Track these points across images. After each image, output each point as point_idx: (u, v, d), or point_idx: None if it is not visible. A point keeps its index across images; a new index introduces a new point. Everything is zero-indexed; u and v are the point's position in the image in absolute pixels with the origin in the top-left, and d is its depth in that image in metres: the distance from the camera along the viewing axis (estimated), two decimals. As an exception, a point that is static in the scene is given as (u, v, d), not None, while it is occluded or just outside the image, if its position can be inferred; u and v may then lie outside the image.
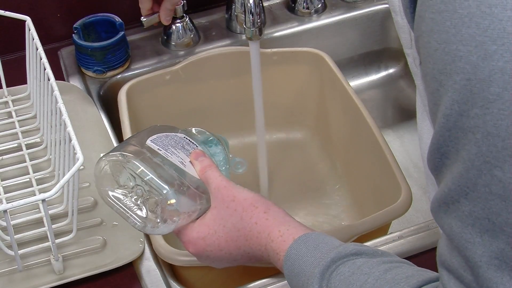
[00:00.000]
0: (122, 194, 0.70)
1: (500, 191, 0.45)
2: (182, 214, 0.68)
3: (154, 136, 0.73)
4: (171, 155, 0.71)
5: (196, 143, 0.75)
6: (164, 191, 0.67)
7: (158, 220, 0.68)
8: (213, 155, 0.77)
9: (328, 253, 0.61)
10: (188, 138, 0.75)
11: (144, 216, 0.68)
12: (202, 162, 0.71)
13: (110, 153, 0.70)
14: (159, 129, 0.75)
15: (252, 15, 0.92)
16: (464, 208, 0.48)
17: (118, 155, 0.69)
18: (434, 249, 0.82)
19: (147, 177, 0.67)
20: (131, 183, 0.69)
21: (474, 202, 0.47)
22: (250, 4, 0.92)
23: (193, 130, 0.80)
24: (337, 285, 0.59)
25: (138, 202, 0.69)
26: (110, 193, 0.70)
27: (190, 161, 0.72)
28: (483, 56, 0.44)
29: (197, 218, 0.70)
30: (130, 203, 0.69)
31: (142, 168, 0.67)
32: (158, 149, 0.71)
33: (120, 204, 0.70)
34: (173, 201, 0.67)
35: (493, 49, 0.44)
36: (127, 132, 0.94)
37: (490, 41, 0.44)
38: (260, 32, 0.94)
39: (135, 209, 0.69)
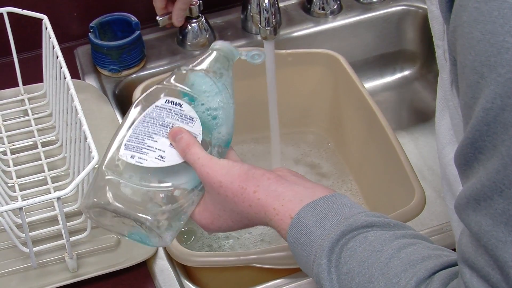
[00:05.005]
0: (122, 223, 0.68)
1: None
2: (178, 217, 0.67)
3: (129, 135, 0.68)
4: (147, 153, 0.66)
5: (180, 102, 0.69)
6: (147, 223, 0.65)
7: (160, 234, 0.66)
8: (206, 91, 0.71)
9: (338, 225, 0.59)
10: (171, 100, 0.70)
11: (148, 234, 0.67)
12: (180, 142, 0.67)
13: (84, 205, 0.67)
14: (138, 111, 0.70)
15: (267, 13, 0.92)
16: (497, 206, 0.46)
17: (91, 207, 0.66)
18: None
19: (125, 219, 0.66)
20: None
21: (509, 200, 0.46)
22: (265, 3, 0.92)
23: (182, 70, 0.74)
24: (347, 261, 0.57)
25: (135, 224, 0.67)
26: (112, 228, 0.69)
27: (171, 144, 0.68)
28: None
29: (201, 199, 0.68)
30: (132, 229, 0.68)
31: (116, 210, 0.65)
32: (131, 156, 0.66)
33: (125, 233, 0.69)
34: (160, 223, 0.65)
35: None
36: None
37: None
38: (275, 31, 0.94)
39: (139, 229, 0.67)
